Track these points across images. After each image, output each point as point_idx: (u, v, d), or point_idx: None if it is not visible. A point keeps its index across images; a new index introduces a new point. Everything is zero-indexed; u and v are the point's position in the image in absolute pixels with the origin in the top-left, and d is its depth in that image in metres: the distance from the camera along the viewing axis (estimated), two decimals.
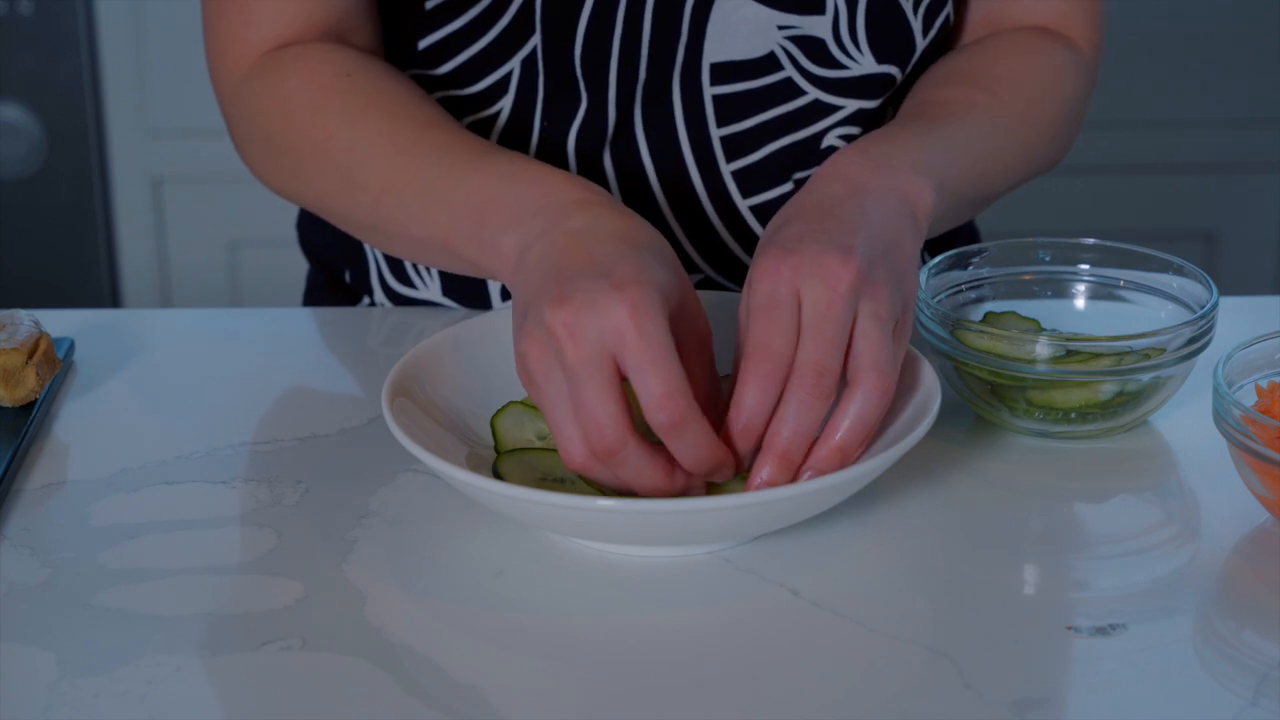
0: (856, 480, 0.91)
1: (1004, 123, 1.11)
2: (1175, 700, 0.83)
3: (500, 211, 0.99)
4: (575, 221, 0.95)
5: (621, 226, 0.94)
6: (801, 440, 0.91)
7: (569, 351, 0.88)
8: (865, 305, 0.92)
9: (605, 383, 0.88)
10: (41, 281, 2.32)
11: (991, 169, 1.10)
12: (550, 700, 0.83)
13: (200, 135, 2.23)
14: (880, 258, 0.95)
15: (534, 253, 0.95)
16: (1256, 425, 0.93)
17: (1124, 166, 2.31)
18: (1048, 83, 1.16)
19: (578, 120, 1.15)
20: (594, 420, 0.88)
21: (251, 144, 1.14)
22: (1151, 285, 1.10)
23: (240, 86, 1.12)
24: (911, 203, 0.99)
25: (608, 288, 0.89)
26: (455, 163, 1.03)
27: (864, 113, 1.17)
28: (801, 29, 1.13)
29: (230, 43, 1.13)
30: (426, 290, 1.22)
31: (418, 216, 1.04)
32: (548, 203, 0.97)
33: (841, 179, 0.99)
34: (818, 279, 0.91)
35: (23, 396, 1.06)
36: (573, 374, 0.88)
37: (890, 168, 1.00)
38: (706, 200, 1.17)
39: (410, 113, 1.08)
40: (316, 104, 1.09)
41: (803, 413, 0.91)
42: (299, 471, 1.01)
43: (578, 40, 1.12)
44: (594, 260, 0.91)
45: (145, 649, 0.86)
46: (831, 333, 0.91)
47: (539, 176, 1.00)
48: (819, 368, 0.91)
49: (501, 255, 0.98)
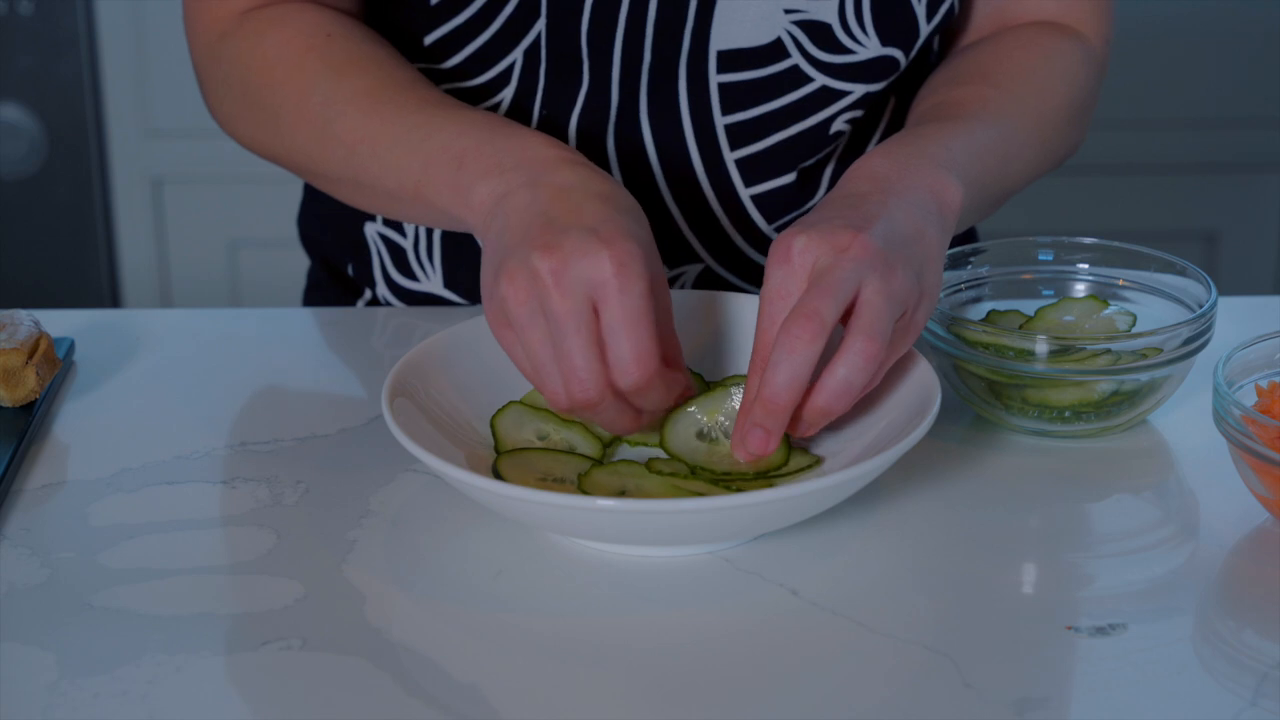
0: (856, 480, 0.91)
1: (1020, 119, 1.11)
2: (1175, 700, 0.83)
3: (478, 160, 1.01)
4: (563, 177, 0.97)
5: (606, 188, 0.97)
6: (791, 386, 0.91)
7: (555, 300, 0.91)
8: (874, 278, 0.93)
9: (589, 339, 0.91)
10: (41, 281, 2.32)
11: (1012, 165, 1.11)
12: (550, 700, 0.83)
13: (200, 135, 2.23)
14: (900, 246, 0.95)
15: (516, 200, 0.96)
16: (1256, 425, 0.93)
17: (1124, 166, 2.31)
18: (1059, 77, 1.16)
19: (579, 105, 1.15)
20: (577, 375, 0.91)
21: (227, 98, 1.14)
22: (1151, 285, 1.10)
23: (218, 43, 1.13)
24: (940, 200, 1.00)
25: (596, 242, 0.91)
26: (433, 116, 1.05)
27: (870, 97, 1.17)
28: (809, 13, 1.13)
29: (210, 0, 1.13)
30: (428, 282, 1.23)
31: (392, 166, 1.05)
32: (528, 157, 0.99)
33: (868, 179, 1.00)
34: (827, 245, 0.93)
35: (23, 396, 1.06)
36: (558, 324, 0.91)
37: (917, 167, 1.01)
38: (708, 188, 1.18)
39: (389, 71, 1.09)
40: (297, 60, 1.10)
41: (792, 359, 0.91)
42: (299, 471, 1.01)
43: (584, 18, 1.12)
44: (582, 215, 0.93)
45: (145, 649, 0.86)
46: (831, 285, 0.92)
47: (517, 131, 1.02)
48: (809, 310, 0.91)
49: (474, 203, 1.00)
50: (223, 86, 1.14)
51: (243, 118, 1.14)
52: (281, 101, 1.10)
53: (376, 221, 1.24)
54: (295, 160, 1.12)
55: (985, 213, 1.14)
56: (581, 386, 0.91)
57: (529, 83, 1.15)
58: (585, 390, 0.91)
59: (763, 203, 1.19)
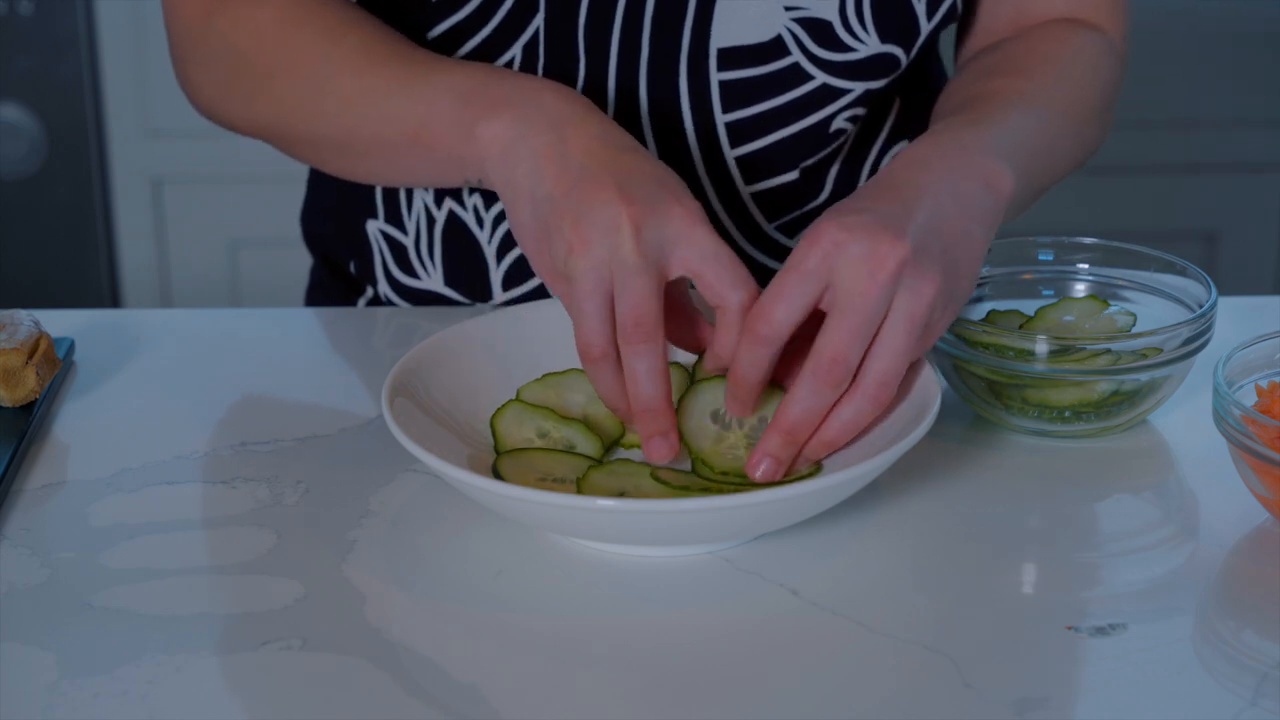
0: (856, 480, 0.91)
1: (1056, 109, 1.11)
2: (1175, 700, 0.83)
3: (484, 95, 1.02)
4: (589, 127, 1.00)
5: (630, 140, 1.00)
6: (808, 421, 0.94)
7: (630, 248, 0.94)
8: (902, 299, 0.93)
9: (656, 283, 0.94)
10: (41, 281, 2.32)
11: (1054, 154, 1.11)
12: (550, 700, 0.83)
13: (200, 135, 2.22)
14: (939, 249, 0.95)
15: (537, 143, 0.99)
16: (1256, 425, 0.93)
17: (1124, 166, 2.31)
18: (1087, 70, 1.16)
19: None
20: (634, 312, 0.94)
21: (212, 71, 1.14)
22: (1151, 285, 1.10)
23: (205, 20, 1.13)
24: (993, 186, 0.99)
25: (667, 195, 0.95)
26: (431, 64, 1.07)
27: (871, 95, 1.17)
28: (809, 11, 1.13)
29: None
30: (430, 280, 1.23)
31: (391, 115, 1.06)
32: (540, 99, 1.01)
33: (918, 165, 0.99)
34: (860, 259, 0.92)
35: (23, 396, 1.06)
36: (627, 267, 0.94)
37: (967, 153, 1.00)
38: (709, 186, 1.18)
39: (382, 33, 1.10)
40: (290, 28, 1.11)
41: (813, 398, 0.93)
42: (299, 471, 1.01)
43: (581, 14, 1.12)
44: (634, 167, 0.97)
45: (145, 649, 0.86)
46: (857, 323, 0.92)
47: (523, 75, 1.04)
48: (836, 356, 0.92)
49: (482, 137, 1.01)
50: (208, 63, 1.14)
51: (229, 90, 1.14)
52: (273, 66, 1.11)
53: (378, 219, 1.24)
54: (286, 127, 1.12)
55: (1025, 205, 1.13)
56: (639, 321, 0.93)
57: None
58: (642, 325, 0.93)
59: (763, 201, 1.19)
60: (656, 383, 0.95)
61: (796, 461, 0.96)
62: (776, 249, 1.21)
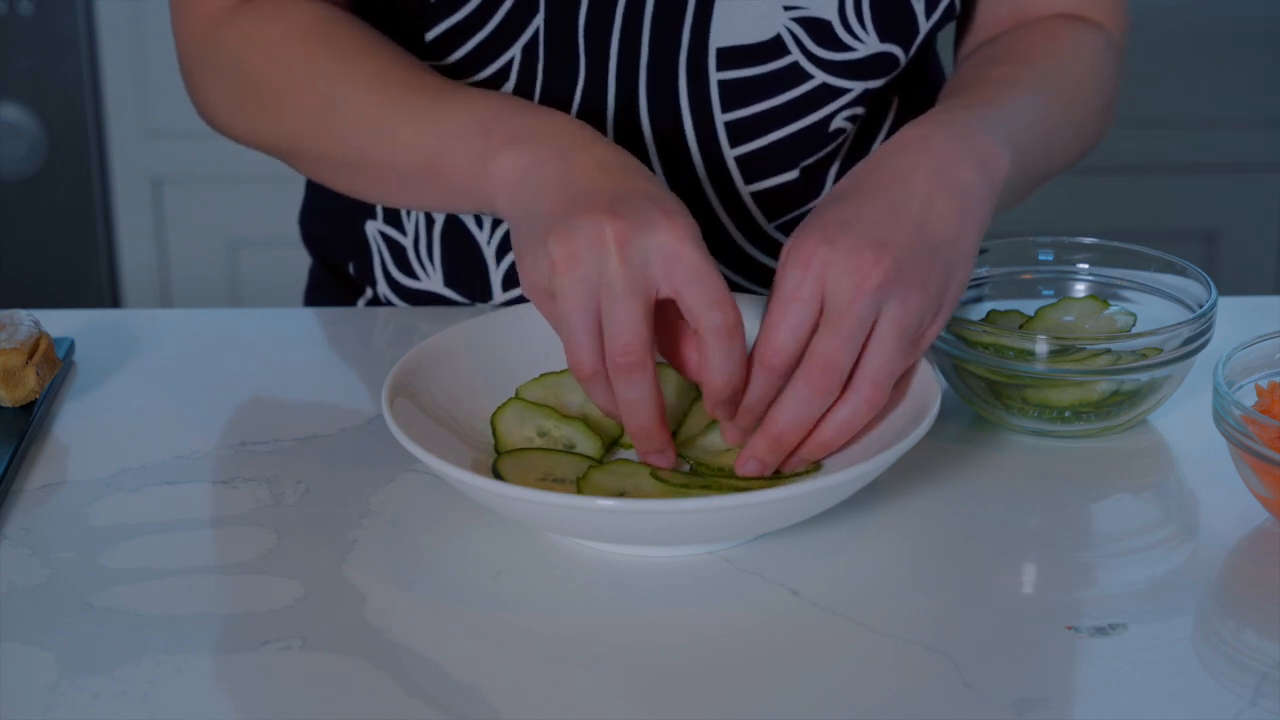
0: (856, 480, 0.91)
1: (1055, 98, 1.11)
2: (1175, 700, 0.83)
3: (502, 129, 1.01)
4: (596, 153, 0.98)
5: (637, 164, 0.99)
6: (797, 428, 0.94)
7: (615, 265, 0.91)
8: (890, 309, 0.93)
9: (643, 307, 0.92)
10: (41, 281, 2.32)
11: (1051, 141, 1.11)
12: (550, 700, 0.83)
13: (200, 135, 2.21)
14: (924, 255, 0.95)
15: (547, 170, 0.97)
16: (1256, 425, 0.93)
17: (1124, 166, 2.31)
18: (1088, 63, 1.16)
19: (576, 101, 1.15)
20: (621, 339, 0.92)
21: (221, 87, 1.14)
22: (1151, 285, 1.10)
23: (213, 32, 1.13)
24: (988, 168, 0.99)
25: (658, 212, 0.93)
26: (446, 93, 1.06)
27: (870, 94, 1.17)
28: (808, 10, 1.13)
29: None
30: (429, 281, 1.23)
31: (403, 143, 1.06)
32: (555, 131, 1.00)
33: (914, 148, 0.99)
34: (846, 274, 0.92)
35: (23, 396, 1.06)
36: (613, 288, 0.92)
37: (963, 134, 1.00)
38: (709, 186, 1.18)
39: (395, 56, 1.09)
40: (301, 46, 1.10)
41: (803, 405, 0.93)
42: (299, 471, 1.01)
43: (581, 13, 1.12)
44: (632, 187, 0.95)
45: (145, 649, 0.86)
46: (848, 330, 0.92)
47: (538, 107, 1.03)
48: (827, 362, 0.92)
49: (496, 172, 1.00)
50: (216, 76, 1.14)
51: (239, 107, 1.13)
52: (284, 85, 1.10)
53: (377, 219, 1.24)
54: (296, 146, 1.12)
55: (1023, 193, 1.13)
56: (625, 349, 0.92)
57: (527, 78, 1.15)
58: (629, 353, 0.92)
59: (763, 200, 1.19)
60: (649, 411, 0.94)
61: (792, 462, 0.96)
62: (776, 249, 1.21)
